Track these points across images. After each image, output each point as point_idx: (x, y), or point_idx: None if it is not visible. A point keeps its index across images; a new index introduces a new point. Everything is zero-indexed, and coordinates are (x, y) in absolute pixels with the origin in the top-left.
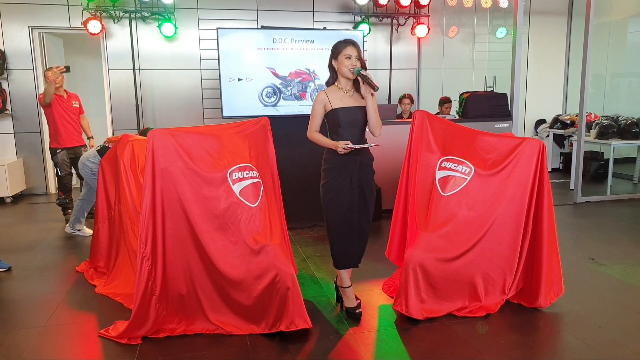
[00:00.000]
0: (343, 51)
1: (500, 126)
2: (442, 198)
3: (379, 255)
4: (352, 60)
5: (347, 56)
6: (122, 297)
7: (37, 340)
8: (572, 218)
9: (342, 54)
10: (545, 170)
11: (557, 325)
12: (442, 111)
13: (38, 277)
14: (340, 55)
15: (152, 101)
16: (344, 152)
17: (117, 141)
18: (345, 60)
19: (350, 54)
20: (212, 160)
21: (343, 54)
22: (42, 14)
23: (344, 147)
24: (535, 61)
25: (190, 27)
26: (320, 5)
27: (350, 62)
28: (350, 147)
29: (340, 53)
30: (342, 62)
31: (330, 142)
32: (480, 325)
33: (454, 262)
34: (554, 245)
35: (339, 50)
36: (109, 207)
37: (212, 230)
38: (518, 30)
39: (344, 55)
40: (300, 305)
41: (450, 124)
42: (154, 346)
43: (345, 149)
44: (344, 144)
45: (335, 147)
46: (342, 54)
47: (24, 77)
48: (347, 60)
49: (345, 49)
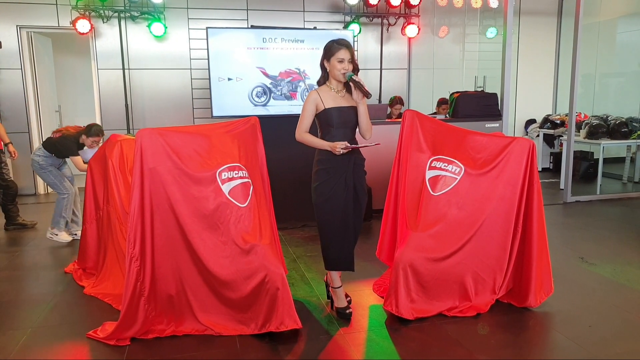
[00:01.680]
0: (336, 54)
1: (490, 126)
2: (432, 198)
3: (370, 255)
4: (344, 63)
5: (340, 60)
6: (111, 298)
7: (25, 341)
8: (562, 217)
9: (335, 56)
10: (535, 169)
11: (547, 324)
12: (439, 112)
13: (26, 277)
14: (332, 58)
15: (141, 101)
16: (342, 152)
17: (106, 141)
18: (338, 63)
19: (343, 58)
20: (201, 160)
21: (335, 57)
22: (30, 13)
23: (343, 147)
24: (525, 61)
25: (180, 27)
26: (310, 5)
27: (342, 65)
28: (349, 147)
29: (333, 55)
30: (335, 66)
31: (324, 143)
32: (481, 326)
33: (444, 262)
34: (544, 244)
35: (331, 52)
36: (97, 208)
37: (202, 230)
38: (508, 30)
39: (336, 58)
40: (290, 306)
41: (440, 124)
42: (142, 347)
43: (345, 149)
44: (342, 144)
45: (332, 149)
46: (335, 57)
47: (13, 77)
48: (340, 64)
49: (338, 52)
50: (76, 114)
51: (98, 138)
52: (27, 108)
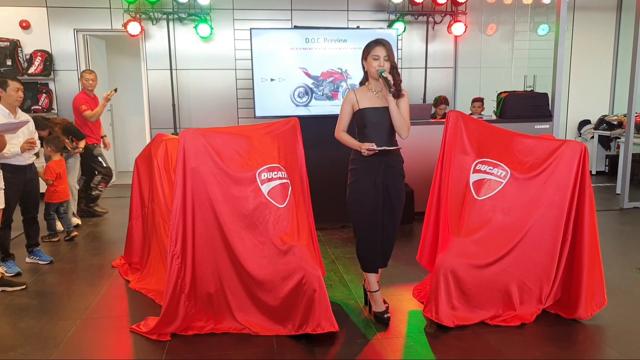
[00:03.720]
0: (372, 52)
1: (540, 127)
2: (476, 202)
3: (410, 259)
4: (379, 60)
5: (375, 57)
6: (154, 294)
7: (74, 332)
8: (617, 224)
9: (371, 54)
10: (587, 174)
11: (598, 339)
12: (474, 111)
13: (77, 271)
14: (369, 56)
15: (188, 101)
16: (367, 153)
17: (152, 140)
18: (373, 61)
19: (378, 55)
20: (241, 160)
21: (371, 55)
22: (86, 17)
23: (368, 149)
24: (580, 59)
25: (226, 28)
26: (354, 4)
27: (377, 62)
28: (373, 150)
29: (369, 54)
30: (370, 63)
31: (355, 142)
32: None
33: (487, 269)
34: (596, 253)
35: (368, 51)
36: (142, 205)
37: (241, 230)
38: (561, 27)
39: (372, 55)
40: (327, 308)
41: (485, 125)
42: (182, 343)
43: (369, 150)
44: (368, 145)
45: (360, 149)
46: (371, 55)
47: (69, 78)
48: (375, 61)
49: (373, 50)
50: (127, 113)
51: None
52: None
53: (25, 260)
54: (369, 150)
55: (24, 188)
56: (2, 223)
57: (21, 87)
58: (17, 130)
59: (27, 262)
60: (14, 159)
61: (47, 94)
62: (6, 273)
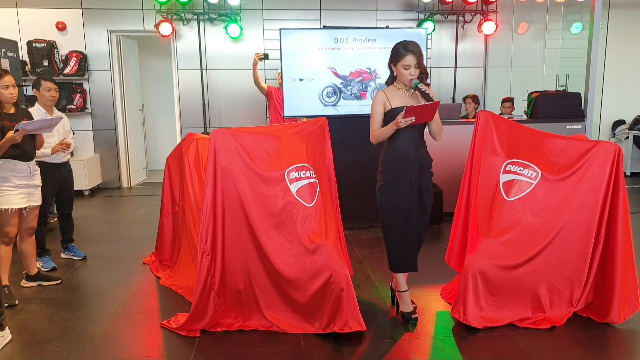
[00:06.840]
0: (402, 60)
1: (572, 127)
2: (505, 203)
3: (438, 260)
4: (410, 70)
5: (406, 66)
6: (184, 290)
7: (106, 326)
8: None
9: (401, 63)
10: (621, 176)
11: (632, 344)
12: (504, 111)
13: (109, 266)
14: (399, 64)
15: (217, 101)
16: (405, 123)
17: (183, 139)
18: (404, 70)
19: (409, 64)
20: (270, 160)
21: (401, 64)
22: (119, 18)
23: (404, 120)
24: (614, 58)
25: (255, 28)
26: (383, 4)
27: (408, 72)
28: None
29: (399, 62)
30: (401, 72)
31: (389, 126)
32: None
33: (516, 270)
34: (630, 256)
35: (397, 58)
36: (173, 203)
37: (270, 229)
38: (595, 25)
39: (402, 65)
40: (355, 307)
41: (516, 125)
42: (211, 340)
43: (406, 120)
44: (401, 115)
45: (396, 124)
46: (401, 63)
47: (103, 78)
48: (406, 70)
49: (404, 59)
50: (158, 112)
51: None
52: (114, 106)
53: (60, 256)
54: (405, 119)
55: (59, 185)
56: (39, 219)
57: (54, 87)
58: (53, 129)
59: (62, 258)
60: (50, 157)
61: (82, 93)
62: (42, 268)
